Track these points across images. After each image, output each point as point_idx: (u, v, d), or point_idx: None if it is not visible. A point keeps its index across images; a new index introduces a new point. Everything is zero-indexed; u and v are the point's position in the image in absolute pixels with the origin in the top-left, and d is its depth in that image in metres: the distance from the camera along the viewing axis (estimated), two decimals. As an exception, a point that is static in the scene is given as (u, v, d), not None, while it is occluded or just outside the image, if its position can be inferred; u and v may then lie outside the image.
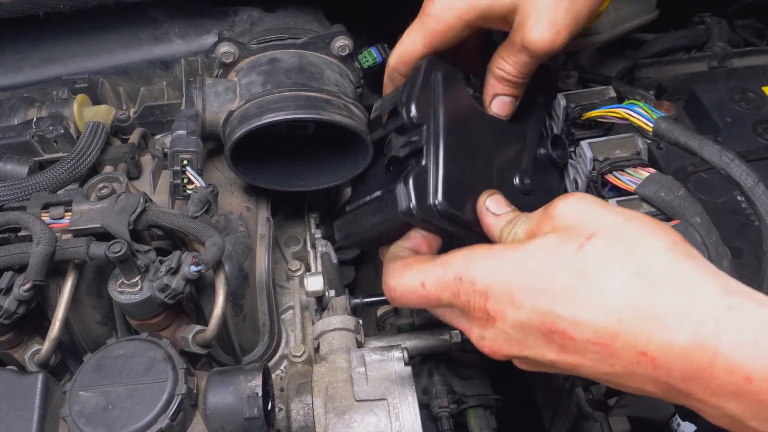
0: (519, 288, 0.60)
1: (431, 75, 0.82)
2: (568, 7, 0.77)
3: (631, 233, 0.59)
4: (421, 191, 0.75)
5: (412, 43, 0.85)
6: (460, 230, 0.76)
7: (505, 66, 0.82)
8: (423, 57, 0.84)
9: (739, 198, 0.91)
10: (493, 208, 0.74)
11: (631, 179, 0.83)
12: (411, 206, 0.74)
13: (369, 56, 1.00)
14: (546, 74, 0.89)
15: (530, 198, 0.85)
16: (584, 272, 0.57)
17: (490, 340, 0.64)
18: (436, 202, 0.74)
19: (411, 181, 0.74)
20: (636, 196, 0.82)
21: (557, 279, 0.58)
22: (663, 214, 0.79)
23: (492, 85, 0.85)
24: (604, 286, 0.56)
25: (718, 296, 0.53)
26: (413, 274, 0.69)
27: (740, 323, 0.51)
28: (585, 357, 0.58)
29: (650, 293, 0.55)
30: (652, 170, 0.82)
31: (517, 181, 0.85)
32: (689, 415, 0.82)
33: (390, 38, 1.06)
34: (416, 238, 0.78)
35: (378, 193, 0.81)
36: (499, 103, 0.86)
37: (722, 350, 0.51)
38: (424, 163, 0.76)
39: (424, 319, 1.07)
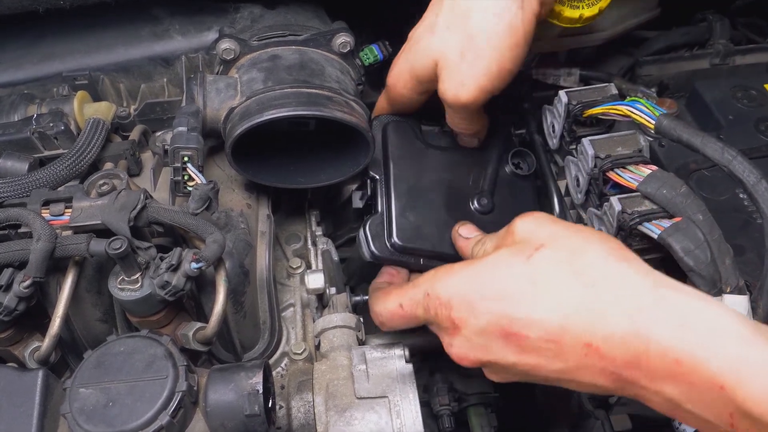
0: (477, 297, 0.68)
1: (385, 133, 0.96)
2: (472, 62, 0.82)
3: (574, 243, 0.67)
4: (378, 235, 0.89)
5: (382, 107, 0.99)
6: (421, 260, 0.90)
7: (448, 117, 0.92)
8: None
9: (741, 195, 0.90)
10: (464, 233, 0.86)
11: (632, 176, 0.82)
12: (371, 249, 0.89)
13: (370, 53, 1.00)
14: (506, 98, 0.94)
15: (494, 216, 0.94)
16: (533, 278, 0.66)
17: (456, 347, 0.72)
18: (392, 242, 0.89)
19: (367, 228, 0.90)
20: (638, 193, 0.81)
21: (510, 286, 0.66)
22: (665, 211, 0.79)
23: (452, 129, 0.95)
24: (550, 289, 0.64)
25: (649, 290, 0.61)
26: (392, 299, 0.80)
27: (668, 311, 0.59)
28: (540, 355, 0.65)
29: (590, 292, 0.63)
30: (654, 167, 0.82)
31: (475, 203, 0.94)
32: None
33: (391, 35, 1.06)
34: (388, 272, 0.92)
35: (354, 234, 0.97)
36: (462, 142, 0.98)
37: (654, 336, 0.58)
38: (379, 210, 0.91)
39: None
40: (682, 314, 0.58)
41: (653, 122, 0.81)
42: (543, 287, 0.65)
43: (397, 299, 0.79)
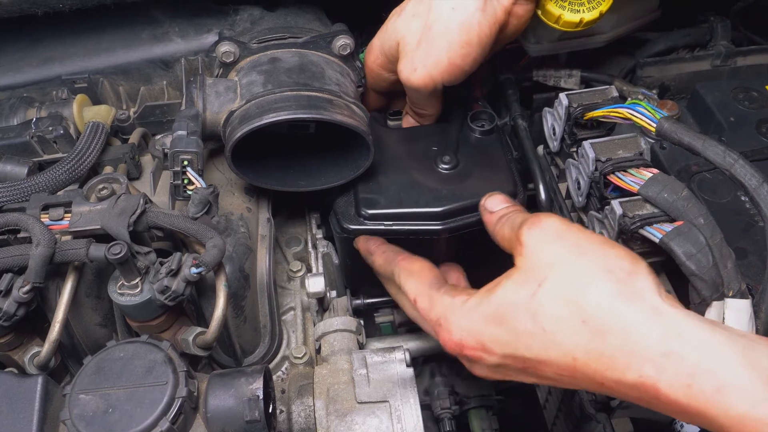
0: (488, 339, 0.68)
1: None
2: (426, 51, 0.87)
3: (577, 275, 0.65)
4: (347, 211, 0.92)
5: (368, 92, 1.03)
6: (393, 225, 0.90)
7: (407, 93, 0.96)
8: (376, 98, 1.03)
9: (743, 198, 0.90)
10: (490, 206, 0.81)
11: (633, 180, 0.82)
12: (342, 226, 0.92)
13: None
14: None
15: (461, 169, 0.95)
16: (538, 318, 0.65)
17: (477, 372, 0.73)
18: (360, 212, 0.91)
19: (335, 207, 0.93)
20: (639, 196, 0.81)
21: (518, 326, 0.66)
22: (666, 214, 0.78)
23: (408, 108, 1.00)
24: (556, 331, 0.64)
25: (657, 342, 0.59)
26: (413, 286, 0.79)
27: (677, 369, 0.58)
28: (559, 382, 0.67)
29: (596, 339, 0.62)
30: (655, 171, 0.81)
31: (440, 163, 0.95)
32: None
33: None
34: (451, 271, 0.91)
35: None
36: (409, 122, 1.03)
37: (662, 391, 0.58)
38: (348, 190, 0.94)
39: (405, 317, 1.06)
40: (690, 373, 0.57)
41: (654, 125, 0.81)
42: (548, 329, 0.64)
43: (415, 293, 0.78)
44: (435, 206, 0.91)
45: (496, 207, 0.79)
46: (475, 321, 0.69)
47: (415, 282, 0.79)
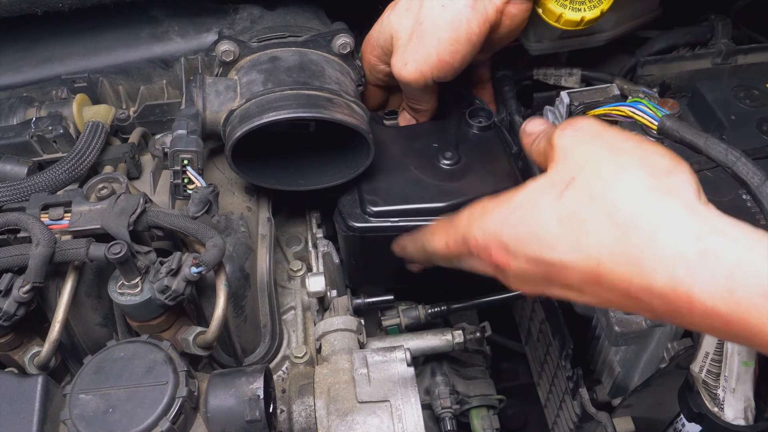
0: (512, 240, 0.64)
1: None
2: (416, 46, 0.88)
3: (608, 170, 0.60)
4: (352, 210, 0.92)
5: (367, 88, 1.02)
6: (399, 222, 0.91)
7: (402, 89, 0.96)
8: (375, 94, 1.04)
9: (744, 197, 0.90)
10: (528, 129, 0.77)
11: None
12: (348, 224, 0.92)
13: None
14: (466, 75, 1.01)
15: (463, 165, 0.96)
16: (564, 219, 0.60)
17: (511, 283, 0.68)
18: (366, 209, 0.91)
19: (340, 206, 0.93)
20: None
21: (542, 228, 0.62)
22: None
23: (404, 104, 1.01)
24: (581, 232, 0.59)
25: (692, 240, 0.53)
26: (439, 237, 0.75)
27: (714, 269, 0.51)
28: (584, 293, 0.61)
29: (623, 237, 0.56)
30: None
31: (442, 160, 0.95)
32: (695, 416, 0.81)
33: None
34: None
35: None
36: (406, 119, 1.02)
37: (697, 296, 0.52)
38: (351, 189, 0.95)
39: (412, 319, 1.06)
40: (730, 274, 0.51)
41: (656, 123, 0.81)
42: (575, 230, 0.59)
43: (444, 238, 0.75)
44: (439, 201, 0.91)
45: (536, 128, 0.76)
46: (498, 221, 0.66)
47: (438, 230, 0.76)
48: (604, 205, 0.58)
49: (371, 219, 0.91)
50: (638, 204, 0.57)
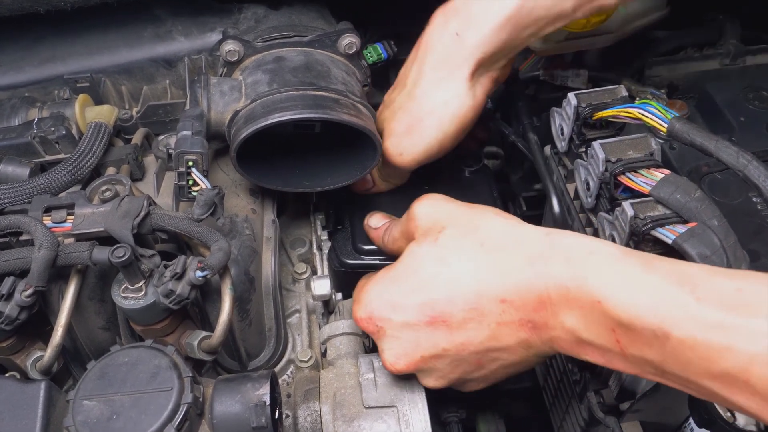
0: (398, 297, 0.72)
1: None
2: (415, 140, 0.89)
3: (472, 218, 0.73)
4: (344, 246, 0.97)
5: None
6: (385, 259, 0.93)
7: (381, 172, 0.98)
8: None
9: (754, 199, 0.89)
10: (373, 224, 0.90)
11: (645, 181, 0.81)
12: (340, 259, 0.97)
13: (374, 52, 0.99)
14: None
15: None
16: (443, 259, 0.71)
17: (387, 350, 0.74)
18: (356, 247, 0.96)
19: (334, 242, 0.99)
20: (650, 197, 0.80)
21: (424, 274, 0.71)
22: (678, 216, 0.77)
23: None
24: (460, 263, 0.69)
25: (542, 238, 0.67)
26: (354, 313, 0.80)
27: (558, 251, 0.65)
28: (467, 329, 0.69)
29: (495, 255, 0.68)
30: (667, 171, 0.80)
31: None
32: (706, 421, 0.80)
33: (396, 35, 1.04)
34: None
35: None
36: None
37: (550, 274, 0.64)
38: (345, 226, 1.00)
39: None
40: (569, 250, 0.64)
41: (665, 125, 0.80)
42: (454, 263, 0.70)
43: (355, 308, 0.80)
44: None
45: (378, 223, 0.89)
46: (384, 286, 0.74)
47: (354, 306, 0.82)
48: (476, 239, 0.70)
49: (362, 256, 0.96)
50: (503, 232, 0.70)
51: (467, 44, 0.84)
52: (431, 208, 0.76)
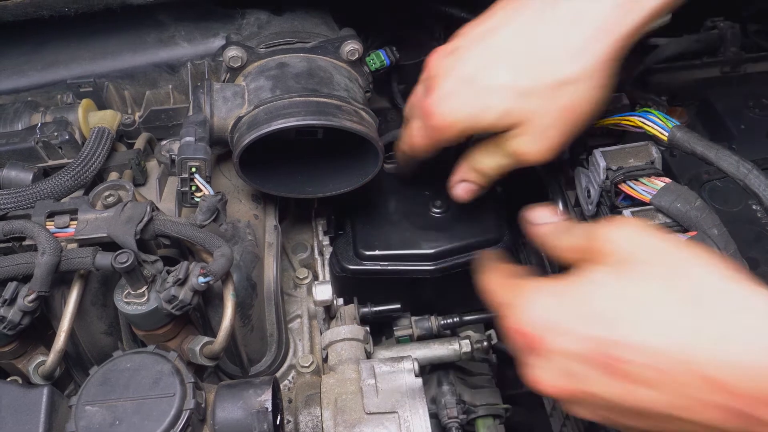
0: (572, 318, 0.60)
1: None
2: (562, 129, 0.77)
3: (681, 260, 0.60)
4: (346, 251, 0.99)
5: (416, 138, 0.86)
6: (387, 265, 0.99)
7: (486, 161, 0.85)
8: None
9: (754, 207, 0.89)
10: (533, 219, 0.77)
11: (645, 189, 0.81)
12: (341, 265, 0.99)
13: (377, 58, 0.99)
14: None
15: (451, 214, 1.02)
16: (638, 300, 0.58)
17: (540, 371, 0.62)
18: (358, 252, 0.98)
19: (335, 248, 1.01)
20: (650, 206, 0.80)
21: (611, 307, 0.59)
22: (679, 224, 0.78)
23: (464, 172, 0.89)
24: (659, 312, 0.57)
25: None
26: (487, 278, 0.72)
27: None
28: (649, 386, 0.56)
29: (706, 318, 0.55)
30: (667, 180, 0.81)
31: (433, 208, 1.03)
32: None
33: (398, 41, 1.05)
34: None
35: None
36: (464, 188, 0.90)
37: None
38: (346, 231, 1.03)
39: (424, 330, 1.06)
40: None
41: (666, 134, 0.80)
42: (651, 310, 0.57)
43: (488, 282, 0.71)
44: (427, 248, 0.99)
45: (545, 218, 0.75)
46: (555, 302, 0.62)
47: (490, 275, 0.72)
48: (682, 290, 0.57)
49: (363, 262, 0.98)
50: (717, 290, 0.57)
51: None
52: (630, 236, 0.63)
